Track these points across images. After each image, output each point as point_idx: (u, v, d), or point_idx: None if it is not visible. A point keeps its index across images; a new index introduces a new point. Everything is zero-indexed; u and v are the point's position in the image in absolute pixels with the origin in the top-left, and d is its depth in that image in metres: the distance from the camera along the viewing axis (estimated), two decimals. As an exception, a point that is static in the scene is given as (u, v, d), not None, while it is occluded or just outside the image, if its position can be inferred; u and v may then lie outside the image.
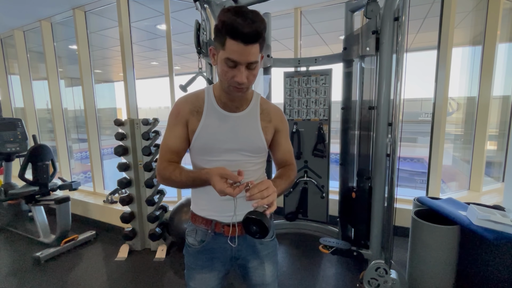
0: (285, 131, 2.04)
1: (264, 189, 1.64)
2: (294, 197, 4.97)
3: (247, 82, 1.71)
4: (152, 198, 4.64)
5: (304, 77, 4.69)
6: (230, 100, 1.86)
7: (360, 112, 3.92)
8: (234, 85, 1.71)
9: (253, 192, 1.63)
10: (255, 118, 1.92)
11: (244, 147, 1.88)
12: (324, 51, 8.51)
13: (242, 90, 1.75)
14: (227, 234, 1.96)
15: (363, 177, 3.80)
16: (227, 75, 1.69)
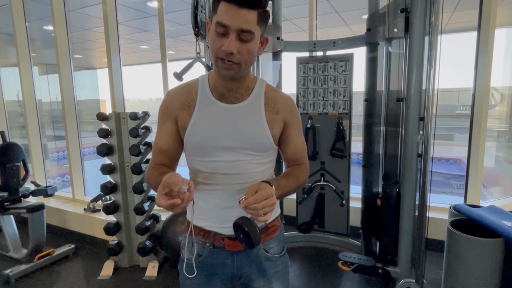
0: (296, 124, 1.99)
1: (262, 201, 1.56)
2: (308, 204, 4.99)
3: (238, 55, 1.64)
4: (142, 206, 4.66)
5: (321, 64, 4.70)
6: (227, 89, 1.83)
7: (387, 105, 3.93)
8: (222, 57, 1.65)
9: (249, 202, 1.55)
10: (258, 109, 1.88)
11: (245, 145, 1.83)
12: (344, 33, 8.51)
13: (232, 68, 1.69)
14: (228, 248, 1.93)
15: (390, 181, 3.80)
16: (215, 44, 1.65)
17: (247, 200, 1.54)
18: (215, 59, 1.68)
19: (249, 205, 1.53)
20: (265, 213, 1.55)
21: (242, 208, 1.54)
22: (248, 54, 1.67)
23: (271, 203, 1.56)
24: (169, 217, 4.67)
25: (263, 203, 1.54)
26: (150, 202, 4.83)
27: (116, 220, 4.73)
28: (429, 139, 3.26)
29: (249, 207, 1.53)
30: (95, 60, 12.58)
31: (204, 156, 1.85)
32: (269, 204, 1.55)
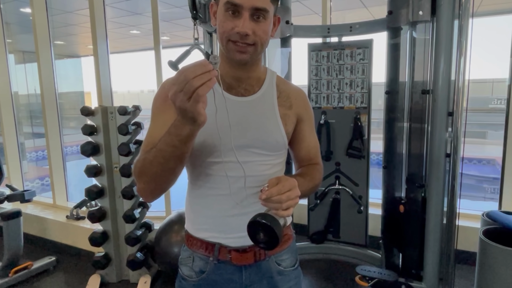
0: (309, 120, 2.00)
1: (286, 192, 1.51)
2: (321, 211, 5.00)
3: (253, 36, 1.64)
4: (132, 212, 4.67)
5: (336, 51, 4.71)
6: (236, 79, 1.81)
7: (411, 98, 3.93)
8: (235, 39, 1.64)
9: (271, 193, 1.48)
10: (271, 103, 1.87)
11: (257, 143, 1.78)
12: (362, 16, 8.52)
13: (247, 50, 1.67)
14: (235, 262, 1.88)
15: (414, 185, 3.81)
16: (225, 26, 1.64)
17: (269, 190, 1.49)
18: (226, 42, 1.68)
19: (272, 196, 1.49)
20: (288, 207, 1.50)
21: (262, 202, 1.51)
22: (263, 34, 1.67)
23: (295, 195, 1.53)
24: (163, 226, 4.68)
25: (287, 194, 1.50)
26: (141, 209, 4.83)
27: (102, 229, 4.75)
28: (459, 136, 3.26)
29: (272, 199, 1.48)
30: (79, 47, 12.59)
31: (209, 157, 1.80)
32: (293, 197, 1.51)
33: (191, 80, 1.26)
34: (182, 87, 1.28)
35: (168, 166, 1.57)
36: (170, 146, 1.50)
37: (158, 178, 1.61)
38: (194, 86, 1.26)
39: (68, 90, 11.15)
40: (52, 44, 6.10)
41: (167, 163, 1.56)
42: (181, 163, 1.59)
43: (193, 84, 1.26)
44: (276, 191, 1.47)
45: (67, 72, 12.29)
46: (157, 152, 1.55)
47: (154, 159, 1.57)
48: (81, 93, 12.51)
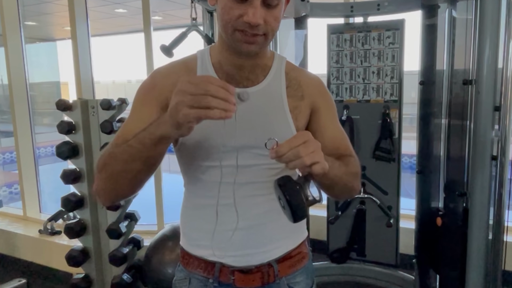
0: (328, 108, 1.97)
1: (301, 144, 1.42)
2: (343, 225, 5.00)
3: (264, 26, 1.62)
4: (118, 226, 4.67)
5: (360, 34, 4.72)
6: (237, 68, 1.82)
7: (450, 89, 3.94)
8: (242, 29, 1.62)
9: (282, 150, 1.42)
10: (278, 94, 1.86)
11: (262, 143, 1.61)
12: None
13: (256, 41, 1.67)
14: (239, 284, 1.87)
15: (454, 193, 3.82)
16: (231, 13, 1.61)
17: (279, 145, 1.43)
18: (232, 31, 1.65)
19: (282, 153, 1.42)
20: (313, 162, 1.43)
21: (276, 160, 1.45)
22: (275, 21, 1.67)
23: (315, 147, 1.45)
24: (154, 242, 4.70)
25: (304, 146, 1.42)
26: (129, 222, 4.85)
27: (82, 246, 4.77)
28: (508, 135, 3.27)
29: (286, 155, 1.42)
30: (54, 28, 12.61)
31: (206, 160, 1.80)
32: (312, 149, 1.43)
33: (210, 97, 1.31)
34: (197, 94, 1.31)
35: (131, 167, 1.59)
36: (139, 144, 1.54)
37: (117, 178, 1.63)
38: (209, 105, 1.31)
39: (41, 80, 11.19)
40: (22, 25, 6.14)
41: (131, 163, 1.58)
42: (147, 170, 1.63)
43: (210, 102, 1.31)
44: (287, 145, 1.42)
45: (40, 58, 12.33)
46: (125, 148, 1.58)
47: (120, 155, 1.60)
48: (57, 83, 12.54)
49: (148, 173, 1.65)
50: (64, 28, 12.20)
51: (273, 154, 1.41)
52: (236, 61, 1.80)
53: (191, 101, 1.31)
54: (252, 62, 1.82)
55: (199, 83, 1.32)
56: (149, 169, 1.63)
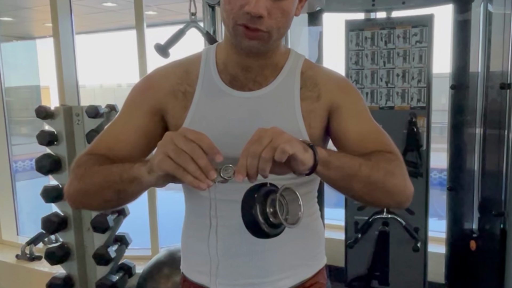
0: (352, 104, 1.90)
1: (254, 144, 1.40)
2: (364, 249, 5.00)
3: (268, 19, 1.60)
4: (106, 251, 4.64)
5: (383, 31, 4.71)
6: (244, 69, 1.80)
7: (485, 94, 3.95)
8: (243, 22, 1.61)
9: (241, 164, 1.41)
10: (290, 96, 1.83)
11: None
12: (419, -18, 8.55)
13: (258, 37, 1.65)
14: None
15: (490, 213, 3.82)
16: (233, 3, 1.61)
17: (239, 163, 1.41)
18: (232, 25, 1.65)
19: (243, 164, 1.41)
20: (273, 152, 1.37)
21: (249, 181, 1.44)
22: (283, 16, 1.64)
23: (271, 134, 1.40)
24: (148, 269, 4.70)
25: (257, 143, 1.39)
26: (118, 246, 4.84)
27: (65, 273, 4.77)
28: (552, 147, 3.27)
29: (248, 165, 1.40)
30: (33, 25, 12.65)
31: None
32: (267, 140, 1.39)
33: (189, 159, 1.36)
34: (181, 149, 1.36)
35: (102, 192, 1.67)
36: (116, 174, 1.59)
37: (88, 194, 1.70)
38: (185, 166, 1.36)
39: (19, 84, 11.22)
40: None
41: (103, 189, 1.65)
42: (117, 201, 1.70)
43: (187, 165, 1.36)
44: (242, 158, 1.41)
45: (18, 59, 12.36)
46: (103, 170, 1.64)
47: (96, 175, 1.65)
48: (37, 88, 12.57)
49: (118, 204, 1.74)
50: (45, 25, 12.22)
51: (239, 177, 1.40)
52: (242, 61, 1.78)
53: (172, 152, 1.36)
54: (260, 62, 1.79)
55: (191, 139, 1.38)
56: (120, 201, 1.71)
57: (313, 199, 1.98)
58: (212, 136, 1.55)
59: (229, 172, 1.41)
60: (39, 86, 12.41)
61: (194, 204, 1.90)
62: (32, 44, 13.72)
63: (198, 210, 1.88)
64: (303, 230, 1.88)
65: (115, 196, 1.62)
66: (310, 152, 1.46)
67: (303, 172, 1.47)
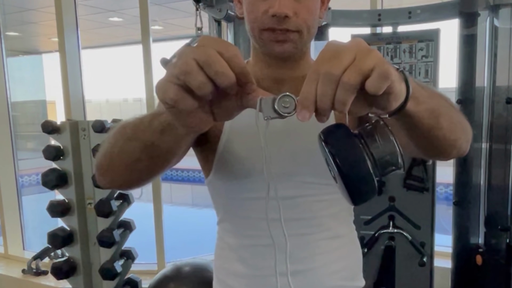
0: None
1: (330, 60, 1.00)
2: (370, 264, 4.96)
3: (295, 19, 1.56)
4: (112, 265, 4.66)
5: (389, 45, 4.71)
6: (276, 82, 1.74)
7: (491, 109, 3.94)
8: (270, 26, 1.57)
9: (306, 91, 1.02)
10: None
11: (309, 169, 1.67)
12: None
13: (289, 39, 1.60)
14: None
15: (496, 228, 3.81)
16: (255, 10, 1.58)
17: (303, 89, 1.03)
18: (258, 32, 1.62)
19: (308, 92, 1.02)
20: (362, 75, 0.98)
21: (317, 119, 1.07)
22: (309, 15, 1.62)
23: (356, 48, 1.03)
24: (154, 284, 4.68)
25: (337, 60, 0.99)
26: (124, 260, 4.84)
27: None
28: (558, 162, 3.27)
29: (318, 96, 1.01)
30: (39, 40, 12.66)
31: (243, 190, 1.74)
32: (352, 56, 1.00)
33: (197, 70, 0.99)
34: (192, 61, 1.00)
35: (129, 146, 1.41)
36: (148, 120, 1.35)
37: (112, 155, 1.47)
38: (190, 83, 1.00)
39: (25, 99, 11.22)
40: (2, 36, 6.18)
41: (130, 141, 1.40)
42: (145, 160, 1.41)
43: (190, 79, 1.00)
44: (309, 82, 1.02)
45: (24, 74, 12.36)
46: (135, 120, 1.42)
47: (126, 127, 1.43)
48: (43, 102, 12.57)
49: (146, 166, 1.45)
50: (51, 39, 12.26)
51: (303, 113, 1.03)
52: (274, 74, 1.74)
53: (178, 71, 1.01)
54: (292, 73, 1.73)
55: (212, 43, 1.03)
56: (149, 162, 1.42)
57: (350, 218, 1.96)
58: (249, 150, 1.65)
59: (288, 104, 1.05)
60: (45, 101, 12.40)
61: (227, 222, 1.83)
62: (38, 59, 13.72)
63: (235, 230, 1.81)
64: (344, 249, 1.89)
65: (143, 151, 1.37)
66: (403, 80, 1.11)
67: (391, 110, 1.11)
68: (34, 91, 12.28)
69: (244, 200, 1.74)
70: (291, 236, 1.50)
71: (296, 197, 1.69)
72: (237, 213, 1.78)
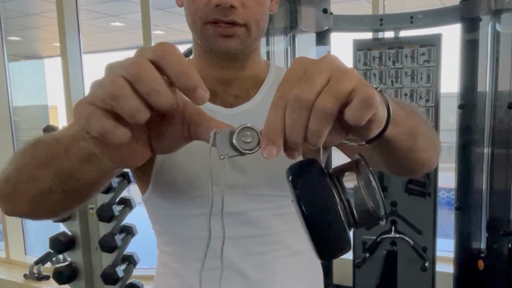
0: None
1: (298, 83, 0.81)
2: (372, 268, 4.97)
3: (242, 10, 1.44)
4: (114, 270, 4.64)
5: (391, 50, 4.71)
6: (222, 83, 1.62)
7: (493, 114, 3.94)
8: (214, 18, 1.43)
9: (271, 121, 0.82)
10: None
11: (259, 180, 1.55)
12: (426, 3, 8.57)
13: (235, 34, 1.47)
14: None
15: (498, 233, 3.81)
16: (197, 0, 1.46)
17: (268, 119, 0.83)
18: (201, 25, 1.48)
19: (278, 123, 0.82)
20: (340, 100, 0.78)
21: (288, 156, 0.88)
22: (258, 6, 1.49)
23: (331, 67, 0.83)
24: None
25: (307, 80, 0.80)
26: (126, 265, 4.83)
27: (73, 293, 4.75)
28: (560, 167, 3.27)
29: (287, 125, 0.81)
30: (41, 44, 12.66)
31: (187, 206, 1.58)
32: (326, 76, 0.81)
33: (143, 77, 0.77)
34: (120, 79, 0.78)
35: (37, 172, 1.15)
36: (68, 139, 1.07)
37: (16, 179, 1.20)
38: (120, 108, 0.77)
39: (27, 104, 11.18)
40: (4, 41, 6.18)
41: (40, 167, 1.13)
42: (57, 190, 1.14)
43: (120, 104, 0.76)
44: (273, 108, 0.82)
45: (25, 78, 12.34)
46: (48, 139, 1.18)
47: (36, 148, 1.19)
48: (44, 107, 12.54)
49: (59, 200, 1.18)
50: (53, 44, 12.22)
51: (269, 149, 0.82)
52: (219, 74, 1.59)
53: (104, 93, 0.77)
54: (240, 73, 1.62)
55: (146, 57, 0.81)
56: (63, 196, 1.16)
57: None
58: (192, 159, 1.48)
59: (250, 138, 0.86)
60: (47, 106, 12.37)
61: (174, 246, 1.66)
62: (40, 64, 13.71)
63: (180, 253, 1.65)
64: (307, 268, 1.73)
65: (58, 185, 1.12)
66: (384, 102, 0.95)
67: (369, 137, 0.95)
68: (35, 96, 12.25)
69: (188, 218, 1.57)
70: (246, 255, 1.54)
71: (249, 212, 1.55)
72: (181, 233, 1.62)
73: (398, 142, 1.13)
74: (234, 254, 1.45)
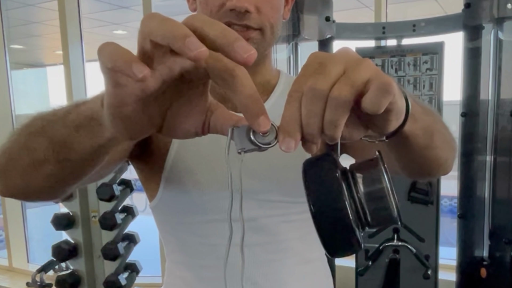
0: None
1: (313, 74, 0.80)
2: (374, 276, 4.96)
3: (257, 15, 1.42)
4: (116, 278, 4.64)
5: (394, 58, 4.70)
6: None
7: (496, 122, 3.94)
8: (228, 21, 1.40)
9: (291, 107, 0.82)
10: None
11: (271, 186, 1.52)
12: (429, 11, 8.57)
13: (250, 38, 1.44)
14: None
15: (500, 241, 3.80)
16: (210, 3, 1.43)
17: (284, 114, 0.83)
18: None
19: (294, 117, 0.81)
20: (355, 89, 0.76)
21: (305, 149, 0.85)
22: (273, 11, 1.48)
23: (346, 58, 0.81)
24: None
25: (322, 71, 0.79)
26: (129, 273, 4.81)
27: (76, 301, 4.74)
28: None
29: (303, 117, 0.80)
30: (44, 52, 12.66)
31: (196, 213, 1.56)
32: (341, 67, 0.79)
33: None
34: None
35: (33, 142, 1.09)
36: (64, 112, 1.04)
37: (12, 152, 1.15)
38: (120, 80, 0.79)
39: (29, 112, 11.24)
40: (7, 49, 6.18)
41: (37, 136, 1.08)
42: (53, 163, 1.06)
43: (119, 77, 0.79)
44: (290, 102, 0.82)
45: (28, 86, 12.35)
46: (48, 113, 1.12)
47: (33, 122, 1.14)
48: (47, 115, 12.55)
49: (53, 172, 1.09)
50: (55, 52, 12.24)
51: (287, 141, 0.79)
52: None
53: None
54: (251, 78, 1.40)
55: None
56: (57, 167, 1.08)
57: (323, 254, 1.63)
58: (202, 165, 1.49)
59: (268, 131, 0.81)
60: (50, 113, 12.39)
61: (183, 254, 1.65)
62: (43, 72, 13.71)
63: (189, 262, 1.63)
64: (317, 275, 1.72)
65: (52, 153, 1.05)
66: (402, 93, 0.92)
67: (389, 131, 0.92)
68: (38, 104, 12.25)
69: (197, 224, 1.55)
70: (256, 263, 1.51)
71: (260, 218, 1.52)
72: (190, 240, 1.59)
73: (416, 139, 1.09)
74: (239, 264, 1.24)
